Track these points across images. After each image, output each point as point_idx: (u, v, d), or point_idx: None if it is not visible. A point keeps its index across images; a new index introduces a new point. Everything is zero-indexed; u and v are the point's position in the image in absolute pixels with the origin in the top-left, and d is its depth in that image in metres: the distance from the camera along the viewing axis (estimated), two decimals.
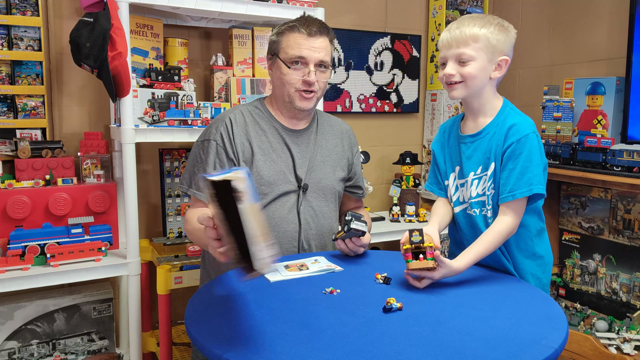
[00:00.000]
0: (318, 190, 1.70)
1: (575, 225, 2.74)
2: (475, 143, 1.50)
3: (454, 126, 1.61)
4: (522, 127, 1.42)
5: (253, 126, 1.66)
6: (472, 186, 1.51)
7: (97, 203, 2.10)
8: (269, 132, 1.67)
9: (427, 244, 1.30)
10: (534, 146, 1.41)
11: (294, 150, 1.68)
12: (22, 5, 2.10)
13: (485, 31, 1.42)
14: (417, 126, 3.28)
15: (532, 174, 1.39)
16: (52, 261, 1.91)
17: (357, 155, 1.87)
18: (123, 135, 1.97)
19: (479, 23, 1.43)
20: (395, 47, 3.12)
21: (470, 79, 1.43)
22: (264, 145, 1.65)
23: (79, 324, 2.18)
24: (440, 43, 1.48)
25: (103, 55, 1.89)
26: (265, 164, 1.62)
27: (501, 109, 1.50)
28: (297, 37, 1.60)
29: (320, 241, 1.72)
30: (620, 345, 2.22)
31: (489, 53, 1.43)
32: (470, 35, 1.41)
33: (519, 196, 1.39)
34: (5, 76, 2.12)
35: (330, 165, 1.75)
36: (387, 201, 3.16)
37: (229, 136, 1.62)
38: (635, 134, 2.41)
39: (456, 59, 1.44)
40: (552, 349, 1.01)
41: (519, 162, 1.40)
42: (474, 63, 1.42)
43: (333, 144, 1.79)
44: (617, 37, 2.62)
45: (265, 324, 1.12)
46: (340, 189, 1.79)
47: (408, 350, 1.00)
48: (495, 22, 1.44)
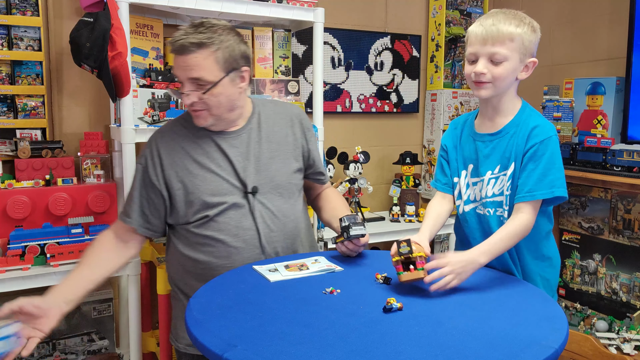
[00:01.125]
0: (272, 189, 1.59)
1: (575, 225, 2.74)
2: (495, 142, 1.47)
3: (467, 123, 1.57)
4: (545, 128, 1.40)
5: (185, 141, 1.57)
6: (489, 185, 1.48)
7: (97, 203, 2.10)
8: (202, 141, 1.57)
9: (417, 254, 1.27)
10: (556, 149, 1.40)
11: (232, 154, 1.56)
12: (22, 5, 2.10)
13: (520, 31, 1.37)
14: (417, 126, 3.28)
15: (554, 177, 1.37)
16: (52, 261, 1.91)
17: (313, 139, 1.74)
18: (123, 135, 1.97)
19: (515, 21, 1.38)
20: (395, 47, 3.12)
21: (500, 80, 1.39)
22: (200, 158, 1.55)
23: (79, 324, 2.18)
24: (473, 37, 1.40)
25: (103, 55, 1.89)
26: (205, 178, 1.54)
27: (521, 109, 1.47)
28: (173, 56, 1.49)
29: (287, 243, 1.61)
30: (620, 345, 2.22)
31: (521, 54, 1.39)
32: (508, 34, 1.36)
33: (539, 197, 1.37)
34: (5, 76, 2.12)
35: (281, 159, 1.63)
36: (387, 201, 3.16)
37: (154, 161, 1.55)
38: (635, 134, 2.41)
39: (489, 57, 1.38)
40: (553, 349, 1.01)
41: (540, 163, 1.38)
42: (507, 64, 1.38)
43: (282, 134, 1.66)
44: (617, 37, 2.62)
45: (265, 324, 1.12)
46: (298, 181, 1.68)
47: (408, 350, 1.00)
48: (527, 22, 1.40)
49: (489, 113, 1.50)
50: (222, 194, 1.54)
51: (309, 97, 2.74)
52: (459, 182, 1.56)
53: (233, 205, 1.54)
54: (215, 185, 1.54)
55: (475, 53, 1.40)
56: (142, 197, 1.56)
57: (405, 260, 1.28)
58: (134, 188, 1.58)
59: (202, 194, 1.52)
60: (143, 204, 1.56)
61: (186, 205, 1.54)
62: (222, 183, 1.54)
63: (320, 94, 2.39)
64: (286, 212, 1.61)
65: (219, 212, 1.53)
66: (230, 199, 1.54)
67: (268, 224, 1.57)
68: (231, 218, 1.54)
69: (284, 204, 1.61)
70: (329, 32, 2.88)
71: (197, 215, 1.54)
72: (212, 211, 1.53)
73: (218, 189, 1.54)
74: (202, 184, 1.53)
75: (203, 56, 1.45)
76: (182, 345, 1.60)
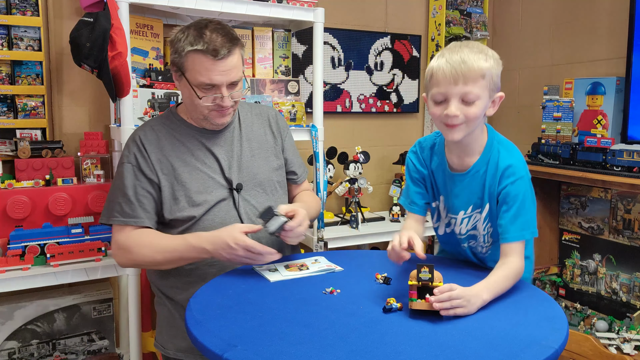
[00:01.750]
0: (255, 186, 1.61)
1: (575, 225, 2.74)
2: (465, 182, 1.43)
3: (438, 151, 1.49)
4: (517, 168, 1.37)
5: (168, 139, 1.56)
6: (462, 224, 1.47)
7: (97, 203, 2.09)
8: (187, 140, 1.57)
9: (437, 283, 1.17)
10: (527, 188, 1.37)
11: (217, 152, 1.58)
12: (22, 5, 2.10)
13: (489, 65, 1.28)
14: (417, 126, 3.28)
15: (524, 219, 1.35)
16: (52, 261, 1.91)
17: (288, 139, 1.76)
18: (123, 135, 1.97)
19: (481, 55, 1.28)
20: (395, 47, 3.12)
21: (474, 120, 1.31)
22: (184, 156, 1.55)
23: (79, 324, 2.18)
24: (441, 76, 1.28)
25: (103, 55, 1.89)
26: (191, 175, 1.53)
27: (487, 144, 1.41)
28: (203, 61, 1.43)
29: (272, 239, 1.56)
30: (620, 345, 2.22)
31: (490, 90, 1.31)
32: (479, 71, 1.27)
33: (512, 240, 1.34)
34: (5, 76, 2.12)
35: (262, 157, 1.65)
36: (387, 201, 3.16)
37: (143, 155, 1.52)
38: (635, 134, 2.41)
39: (461, 97, 1.28)
40: (553, 349, 1.01)
41: (513, 205, 1.35)
42: (479, 102, 1.29)
43: (261, 132, 1.69)
44: (617, 37, 2.62)
45: (265, 324, 1.12)
46: (280, 178, 1.70)
47: (408, 350, 1.00)
48: (490, 54, 1.32)
49: (456, 151, 1.43)
50: (208, 191, 1.54)
51: (309, 97, 2.74)
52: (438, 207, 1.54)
53: (218, 203, 1.55)
54: (202, 182, 1.54)
55: (444, 93, 1.30)
56: (139, 195, 1.52)
57: (421, 287, 1.18)
58: (125, 188, 1.51)
59: (188, 191, 1.53)
60: (141, 201, 1.52)
61: (172, 201, 1.53)
62: (207, 180, 1.55)
63: (320, 94, 2.39)
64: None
65: (204, 212, 1.53)
66: (215, 196, 1.54)
67: (253, 220, 1.57)
68: (216, 215, 1.54)
69: (266, 201, 1.61)
70: (329, 32, 2.88)
71: (182, 214, 1.52)
72: (197, 210, 1.52)
73: (204, 186, 1.54)
74: (187, 180, 1.53)
75: (237, 56, 1.49)
76: (171, 352, 1.57)
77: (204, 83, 1.46)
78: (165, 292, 1.61)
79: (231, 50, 1.45)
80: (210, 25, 1.46)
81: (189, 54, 1.44)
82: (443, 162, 1.47)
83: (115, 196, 1.54)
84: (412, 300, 1.16)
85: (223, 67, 1.45)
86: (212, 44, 1.42)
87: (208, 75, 1.45)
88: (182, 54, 1.46)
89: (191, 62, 1.45)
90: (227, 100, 1.49)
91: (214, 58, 1.43)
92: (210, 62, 1.43)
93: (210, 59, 1.43)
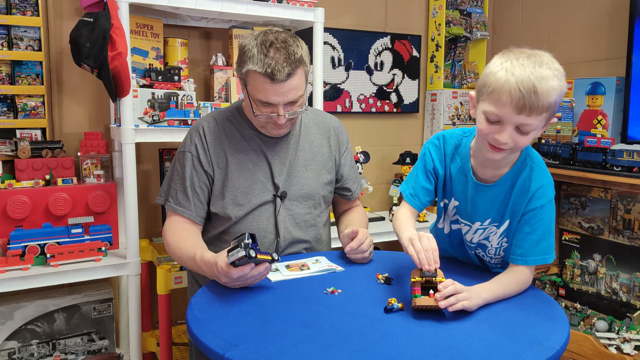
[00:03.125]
0: (300, 197, 1.62)
1: (575, 225, 2.74)
2: (488, 194, 1.37)
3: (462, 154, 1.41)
4: (548, 190, 1.32)
5: (228, 135, 1.59)
6: (475, 234, 1.43)
7: (97, 203, 2.09)
8: (247, 139, 1.60)
9: (440, 279, 1.16)
10: (553, 213, 1.34)
11: (271, 157, 1.60)
12: (22, 5, 2.10)
13: (556, 97, 1.16)
14: (417, 126, 3.28)
15: (548, 243, 1.33)
16: (52, 261, 1.91)
17: (346, 154, 1.76)
18: (123, 135, 1.97)
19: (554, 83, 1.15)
20: (395, 47, 3.12)
21: (519, 148, 1.24)
22: (239, 155, 1.58)
23: (79, 324, 2.18)
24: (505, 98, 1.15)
25: (103, 55, 1.89)
26: (241, 175, 1.57)
27: (520, 159, 1.34)
28: (262, 82, 1.43)
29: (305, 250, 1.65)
30: (620, 345, 2.22)
31: (549, 119, 1.21)
32: (547, 106, 1.16)
33: (532, 263, 1.32)
34: (5, 76, 2.12)
35: (313, 170, 1.65)
36: (387, 201, 3.16)
37: (204, 146, 1.57)
38: (635, 134, 2.41)
39: (518, 125, 1.18)
40: (554, 350, 1.01)
41: (538, 228, 1.32)
42: (534, 133, 1.20)
43: (318, 145, 1.69)
44: (617, 37, 2.62)
45: (266, 324, 1.12)
46: (327, 192, 1.69)
47: (409, 350, 1.00)
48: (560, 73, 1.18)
49: (487, 163, 1.35)
50: (254, 193, 1.57)
51: (309, 97, 2.74)
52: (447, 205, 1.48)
53: (260, 207, 1.57)
54: (249, 183, 1.57)
55: (501, 117, 1.18)
56: (195, 185, 1.57)
57: (425, 284, 1.17)
58: (184, 177, 1.57)
59: (235, 189, 1.56)
60: (196, 191, 1.57)
61: (219, 196, 1.58)
62: (255, 182, 1.58)
63: (320, 94, 2.39)
64: (309, 221, 1.64)
65: (244, 214, 1.56)
66: (259, 200, 1.57)
67: (290, 229, 1.60)
68: (254, 219, 1.57)
69: (308, 213, 1.64)
70: (329, 32, 2.87)
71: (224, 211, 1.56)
72: (238, 211, 1.56)
73: (251, 188, 1.57)
74: (237, 179, 1.57)
75: (299, 76, 1.46)
76: None
77: (261, 100, 1.47)
78: (196, 277, 1.67)
79: (291, 74, 1.43)
80: (275, 44, 1.43)
81: (249, 72, 1.45)
82: (466, 168, 1.39)
83: (175, 182, 1.60)
84: (416, 296, 1.16)
85: (281, 89, 1.44)
86: (272, 67, 1.41)
87: (266, 95, 1.45)
88: (243, 70, 1.47)
89: (252, 79, 1.46)
90: (282, 118, 1.49)
91: (272, 82, 1.42)
92: (268, 84, 1.43)
93: (268, 81, 1.42)
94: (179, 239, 1.53)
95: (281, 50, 1.43)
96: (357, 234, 1.53)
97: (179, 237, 1.53)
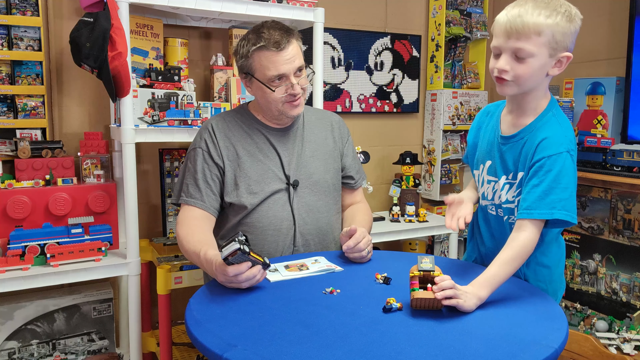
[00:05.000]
0: (310, 185, 1.70)
1: (576, 225, 2.74)
2: (509, 145, 1.37)
3: (495, 114, 1.46)
4: (555, 142, 1.27)
5: (237, 130, 1.69)
6: (503, 190, 1.39)
7: (97, 203, 2.10)
8: (254, 134, 1.70)
9: (438, 274, 1.17)
10: (566, 166, 1.26)
11: (280, 149, 1.70)
12: (22, 5, 2.10)
13: (551, 22, 1.21)
14: (417, 126, 3.28)
15: (556, 197, 1.25)
16: (52, 261, 1.91)
17: (348, 145, 1.86)
18: (123, 135, 1.97)
19: (545, 11, 1.22)
20: (395, 47, 3.12)
21: (524, 79, 1.27)
22: (249, 147, 1.67)
23: (79, 324, 2.18)
24: (497, 28, 1.27)
25: (103, 55, 1.89)
26: (253, 165, 1.65)
27: (544, 112, 1.33)
28: (268, 55, 1.56)
29: (319, 238, 1.70)
30: (620, 345, 2.22)
31: (551, 49, 1.24)
32: (534, 27, 1.21)
33: (537, 217, 1.26)
34: (5, 76, 2.12)
35: (320, 159, 1.75)
36: (387, 201, 3.16)
37: (213, 142, 1.66)
38: (635, 134, 2.41)
39: (513, 52, 1.25)
40: (552, 349, 1.01)
41: (545, 180, 1.26)
42: (533, 60, 1.24)
43: (322, 137, 1.79)
44: (617, 37, 2.62)
45: (265, 324, 1.12)
46: (335, 181, 1.78)
47: (408, 350, 1.00)
48: (562, 10, 1.23)
49: (512, 109, 1.39)
50: (266, 182, 1.64)
51: (309, 97, 2.74)
52: (479, 176, 1.49)
53: (274, 194, 1.64)
54: (262, 173, 1.65)
55: (498, 47, 1.28)
56: (207, 177, 1.64)
57: (423, 278, 1.18)
58: (195, 172, 1.64)
59: (249, 179, 1.64)
60: (208, 183, 1.64)
61: (233, 186, 1.64)
62: (267, 172, 1.66)
63: (320, 94, 2.39)
64: (321, 208, 1.71)
65: (259, 202, 1.62)
66: (272, 188, 1.64)
67: (303, 217, 1.67)
68: (270, 207, 1.64)
69: (319, 201, 1.71)
70: (329, 32, 2.88)
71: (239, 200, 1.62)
72: (253, 199, 1.61)
73: (263, 177, 1.65)
74: (249, 169, 1.65)
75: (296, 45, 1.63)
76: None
77: (273, 76, 1.58)
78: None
79: (289, 40, 1.58)
80: (265, 25, 1.61)
81: (254, 53, 1.58)
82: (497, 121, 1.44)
83: (185, 178, 1.68)
84: (414, 290, 1.17)
85: (287, 55, 1.57)
86: (273, 38, 1.55)
87: (276, 67, 1.57)
88: (249, 56, 1.59)
89: (257, 60, 1.58)
90: (297, 87, 1.61)
91: (277, 50, 1.55)
92: (274, 54, 1.56)
93: (273, 51, 1.56)
94: (187, 232, 1.58)
95: (274, 26, 1.60)
96: (355, 232, 1.54)
97: (188, 232, 1.58)
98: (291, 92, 1.60)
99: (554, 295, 1.46)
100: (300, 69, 1.62)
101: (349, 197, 1.89)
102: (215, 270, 1.34)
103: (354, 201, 1.90)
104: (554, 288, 1.47)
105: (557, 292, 1.48)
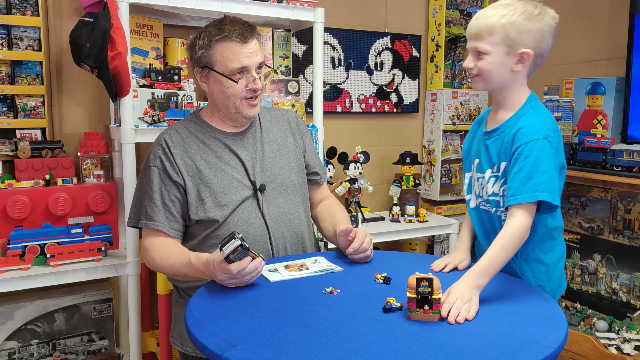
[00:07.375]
0: (278, 187, 1.64)
1: (575, 225, 2.74)
2: (492, 139, 1.45)
3: (485, 118, 1.55)
4: (531, 129, 1.34)
5: (192, 141, 1.61)
6: (489, 183, 1.45)
7: (97, 203, 2.10)
8: (211, 143, 1.61)
9: (436, 296, 1.15)
10: (544, 151, 1.32)
11: (241, 153, 1.62)
12: (22, 5, 2.10)
13: (504, 22, 1.34)
14: (417, 126, 3.28)
15: (538, 180, 1.30)
16: (52, 261, 1.91)
17: (308, 141, 1.81)
18: (123, 135, 1.97)
19: (500, 11, 1.35)
20: (395, 47, 3.12)
21: (486, 73, 1.39)
22: (208, 158, 1.59)
23: (79, 324, 2.18)
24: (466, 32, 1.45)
25: (103, 55, 1.89)
26: (215, 176, 1.57)
27: (522, 106, 1.42)
28: (231, 47, 1.52)
29: (294, 240, 1.65)
30: (620, 345, 2.22)
31: (506, 47, 1.35)
32: (485, 28, 1.36)
33: (522, 201, 1.30)
34: (5, 76, 2.12)
35: (284, 159, 1.69)
36: (387, 201, 3.16)
37: (169, 158, 1.56)
38: (635, 134, 2.41)
39: (474, 51, 1.40)
40: (552, 348, 1.01)
41: (525, 165, 1.32)
42: (488, 57, 1.37)
43: (282, 135, 1.73)
44: (617, 37, 2.62)
45: (265, 324, 1.12)
46: (301, 180, 1.73)
47: (408, 350, 1.00)
48: (520, 10, 1.35)
49: (494, 107, 1.50)
50: (233, 191, 1.57)
51: (309, 97, 2.74)
52: (471, 178, 1.55)
53: (242, 203, 1.57)
54: (226, 183, 1.57)
55: (468, 48, 1.44)
56: (165, 199, 1.55)
57: (420, 299, 1.16)
58: (152, 192, 1.55)
59: (214, 192, 1.56)
60: (167, 205, 1.55)
61: (198, 203, 1.56)
62: (232, 181, 1.58)
63: (320, 94, 2.39)
64: (291, 209, 1.66)
65: (229, 214, 1.55)
66: (239, 196, 1.57)
67: (275, 221, 1.61)
68: (240, 217, 1.57)
69: (288, 202, 1.66)
70: (329, 32, 2.88)
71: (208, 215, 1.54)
72: (222, 212, 1.54)
73: (228, 187, 1.57)
74: (213, 181, 1.56)
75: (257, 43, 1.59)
76: (190, 349, 1.58)
77: (235, 69, 1.53)
78: (184, 289, 1.64)
79: (253, 34, 1.56)
80: (227, 18, 1.57)
81: (216, 44, 1.52)
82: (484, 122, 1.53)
83: (142, 199, 1.57)
84: (411, 311, 1.15)
85: (250, 49, 1.54)
86: (238, 31, 1.52)
87: (239, 59, 1.52)
88: (210, 46, 1.53)
89: (219, 51, 1.53)
90: (258, 82, 1.56)
91: (241, 42, 1.52)
92: (238, 46, 1.52)
93: (237, 43, 1.52)
94: (163, 251, 1.51)
95: (235, 21, 1.56)
96: (352, 231, 1.53)
97: (164, 250, 1.51)
98: (252, 86, 1.55)
99: (551, 294, 1.46)
100: (261, 66, 1.58)
101: (317, 193, 1.85)
102: (214, 269, 1.31)
103: (323, 197, 1.87)
104: (552, 287, 1.48)
105: (556, 291, 1.49)
